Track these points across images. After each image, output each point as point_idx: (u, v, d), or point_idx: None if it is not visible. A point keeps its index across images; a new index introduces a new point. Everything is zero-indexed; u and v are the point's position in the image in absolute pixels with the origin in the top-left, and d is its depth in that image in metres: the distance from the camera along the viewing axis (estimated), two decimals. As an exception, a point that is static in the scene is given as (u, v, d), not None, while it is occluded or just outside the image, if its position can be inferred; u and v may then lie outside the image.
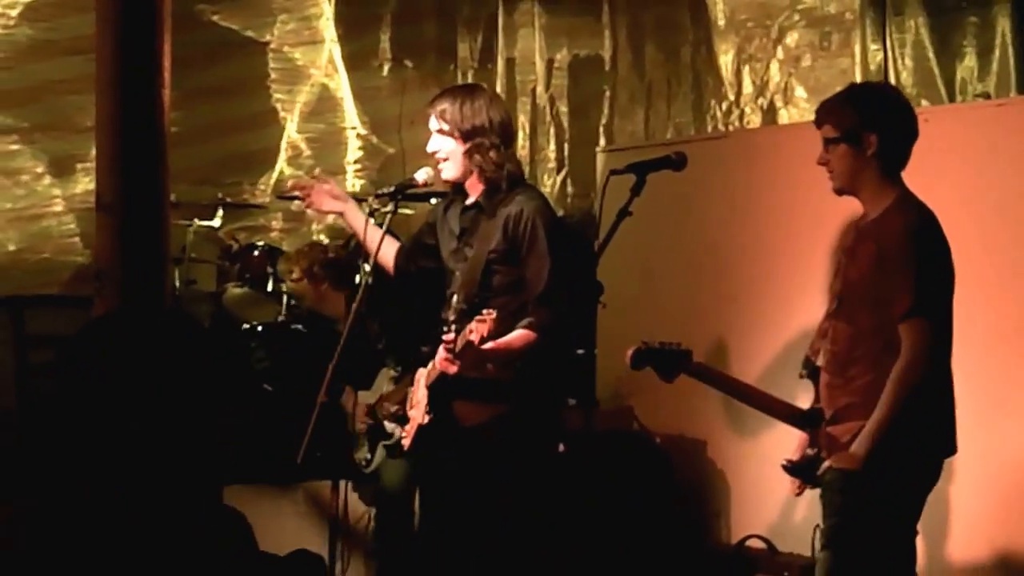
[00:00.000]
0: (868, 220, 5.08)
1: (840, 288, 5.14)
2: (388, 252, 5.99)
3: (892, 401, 4.84)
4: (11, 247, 9.38)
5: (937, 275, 4.96)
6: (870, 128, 5.00)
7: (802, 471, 5.22)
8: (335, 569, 6.39)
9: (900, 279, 4.88)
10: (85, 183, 8.88)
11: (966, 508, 6.06)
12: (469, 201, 5.70)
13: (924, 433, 4.96)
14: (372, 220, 5.93)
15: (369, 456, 6.31)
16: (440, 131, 5.65)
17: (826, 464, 5.03)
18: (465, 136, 5.59)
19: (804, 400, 5.40)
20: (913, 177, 5.09)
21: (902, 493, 5.00)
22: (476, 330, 5.14)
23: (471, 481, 5.59)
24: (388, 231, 5.91)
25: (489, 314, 5.13)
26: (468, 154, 5.60)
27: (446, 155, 5.65)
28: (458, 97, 5.68)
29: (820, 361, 5.21)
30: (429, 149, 5.72)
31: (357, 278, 7.75)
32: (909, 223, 4.95)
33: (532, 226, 5.51)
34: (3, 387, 8.62)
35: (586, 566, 6.41)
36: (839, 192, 5.14)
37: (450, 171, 5.68)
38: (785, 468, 5.25)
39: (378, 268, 6.00)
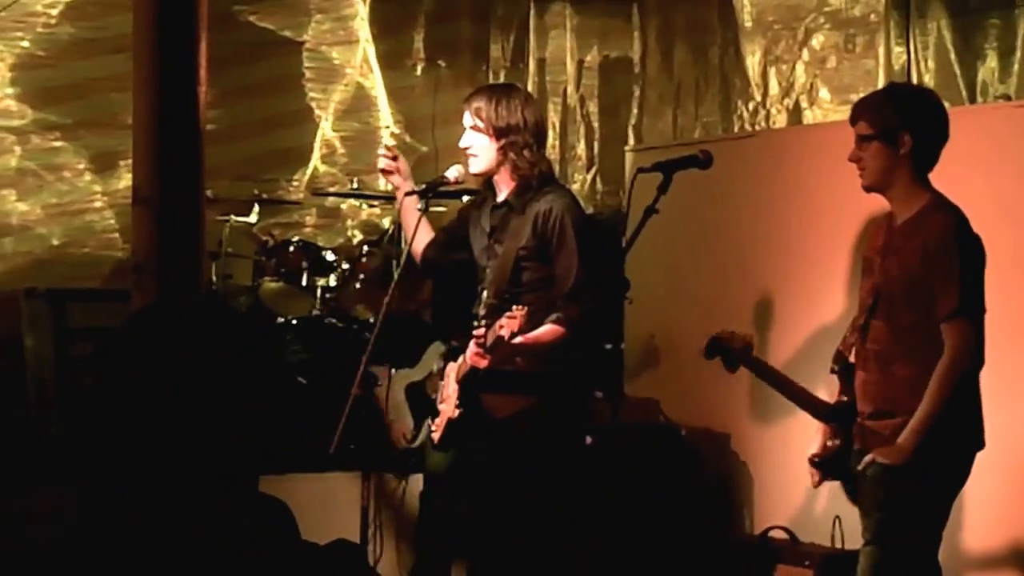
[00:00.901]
0: (904, 220, 5.09)
1: (878, 286, 5.14)
2: (421, 241, 6.07)
3: (937, 398, 4.89)
4: (54, 241, 9.49)
5: (978, 275, 4.99)
6: (906, 128, 5.02)
7: (829, 464, 5.29)
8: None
9: (945, 279, 4.91)
10: (126, 179, 8.89)
11: (982, 498, 6.09)
12: (499, 199, 5.77)
13: (962, 429, 5.02)
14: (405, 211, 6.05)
15: (415, 431, 6.29)
16: (474, 128, 5.72)
17: (868, 458, 5.03)
18: (499, 134, 5.66)
19: (821, 394, 5.51)
20: (935, 177, 5.12)
21: (942, 487, 5.06)
22: (506, 326, 5.22)
23: (501, 473, 5.67)
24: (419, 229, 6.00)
25: (520, 310, 5.21)
26: (502, 152, 5.67)
27: (477, 152, 5.72)
28: (494, 95, 5.75)
29: (852, 357, 5.24)
30: (462, 145, 5.79)
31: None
32: (953, 223, 4.99)
33: (561, 224, 5.58)
34: (44, 379, 8.72)
35: (612, 556, 6.49)
36: (868, 190, 5.16)
37: (477, 164, 5.76)
38: (814, 463, 5.28)
39: (410, 257, 6.13)
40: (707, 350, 5.53)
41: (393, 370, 6.68)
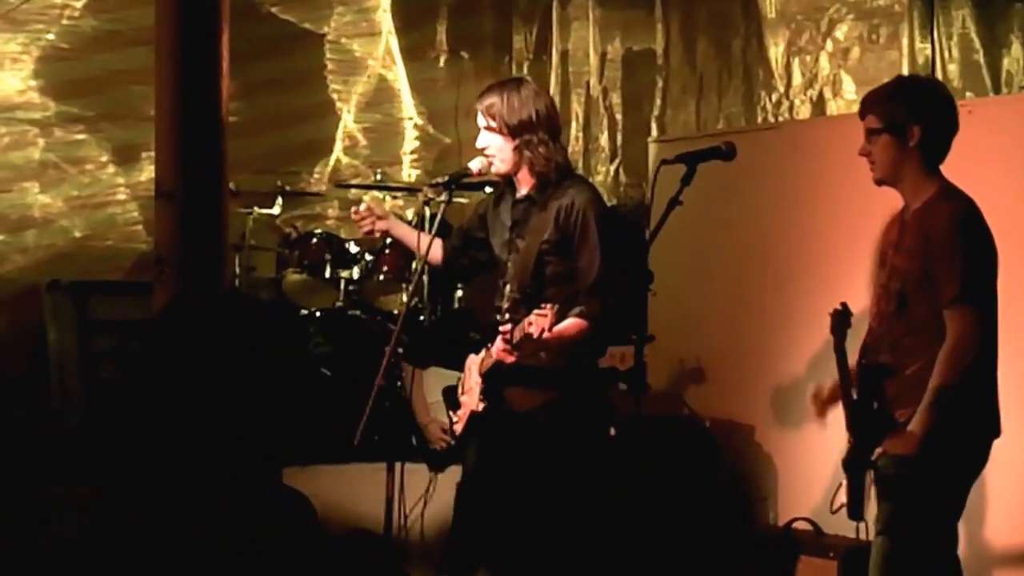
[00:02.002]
0: (912, 211, 5.11)
1: (888, 279, 5.16)
2: (435, 249, 6.10)
3: (940, 386, 4.89)
4: (76, 234, 9.51)
5: (982, 262, 5.01)
6: (915, 120, 5.04)
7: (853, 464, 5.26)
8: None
9: (947, 266, 4.92)
10: (149, 172, 8.92)
11: (1003, 491, 6.09)
12: (520, 194, 5.77)
13: (974, 417, 5.01)
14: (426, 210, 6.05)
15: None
16: (488, 128, 5.72)
17: (879, 450, 5.05)
18: (513, 132, 5.66)
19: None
20: (958, 168, 5.12)
21: (955, 477, 5.05)
22: (536, 323, 5.20)
23: (523, 465, 5.67)
24: (443, 220, 5.99)
25: (551, 308, 5.20)
26: (517, 150, 5.67)
27: (495, 151, 5.72)
28: (504, 91, 5.73)
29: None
30: (479, 145, 5.79)
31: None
32: (955, 211, 5.00)
33: (583, 218, 5.58)
34: (66, 372, 8.74)
35: (635, 548, 6.49)
36: (879, 183, 5.17)
37: (500, 166, 5.75)
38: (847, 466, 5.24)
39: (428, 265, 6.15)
40: (840, 321, 5.29)
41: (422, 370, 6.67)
